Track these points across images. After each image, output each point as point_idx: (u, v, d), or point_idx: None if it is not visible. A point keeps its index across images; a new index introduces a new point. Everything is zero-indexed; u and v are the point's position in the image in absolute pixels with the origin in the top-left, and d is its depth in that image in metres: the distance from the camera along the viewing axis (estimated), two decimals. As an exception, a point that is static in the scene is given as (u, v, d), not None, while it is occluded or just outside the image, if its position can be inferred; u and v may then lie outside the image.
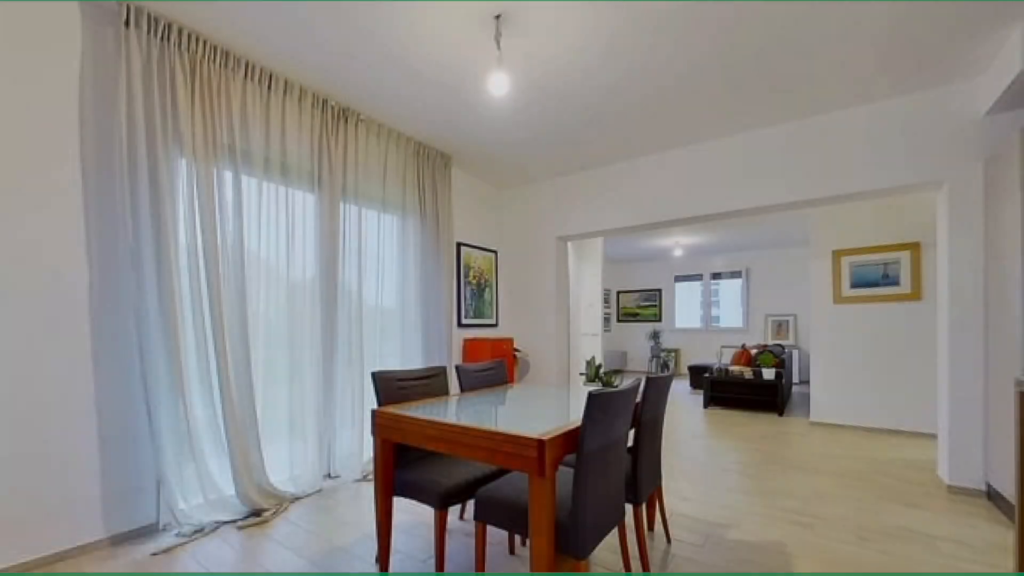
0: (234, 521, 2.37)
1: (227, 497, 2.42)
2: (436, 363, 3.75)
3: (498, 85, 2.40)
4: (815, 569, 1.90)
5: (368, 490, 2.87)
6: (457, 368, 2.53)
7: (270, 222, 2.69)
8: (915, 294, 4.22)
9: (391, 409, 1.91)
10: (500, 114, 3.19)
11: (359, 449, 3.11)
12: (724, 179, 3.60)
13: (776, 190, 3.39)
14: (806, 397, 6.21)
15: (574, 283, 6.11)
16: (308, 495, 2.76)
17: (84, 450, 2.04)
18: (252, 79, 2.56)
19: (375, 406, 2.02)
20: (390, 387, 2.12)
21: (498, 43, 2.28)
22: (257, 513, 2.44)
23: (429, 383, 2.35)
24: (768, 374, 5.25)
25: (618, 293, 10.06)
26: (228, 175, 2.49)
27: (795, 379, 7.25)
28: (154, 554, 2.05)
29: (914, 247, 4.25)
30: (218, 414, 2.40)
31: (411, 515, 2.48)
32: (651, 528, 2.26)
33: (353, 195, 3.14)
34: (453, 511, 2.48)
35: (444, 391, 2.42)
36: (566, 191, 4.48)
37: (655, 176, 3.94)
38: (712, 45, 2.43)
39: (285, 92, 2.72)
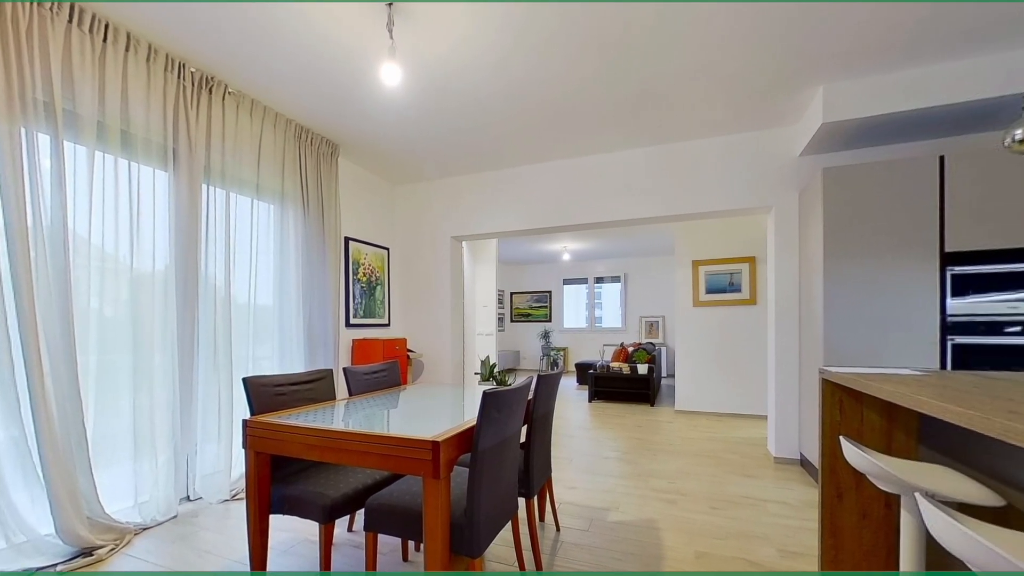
0: (54, 566, 1.91)
1: (42, 537, 1.94)
2: (321, 366, 3.46)
3: (391, 75, 2.30)
4: (678, 538, 2.16)
5: (239, 510, 2.53)
6: (345, 371, 2.37)
7: (107, 201, 2.23)
8: (752, 300, 5.06)
9: (267, 418, 1.71)
10: (393, 107, 3.07)
11: (227, 465, 2.72)
12: (606, 191, 3.93)
13: (647, 205, 3.80)
14: (672, 388, 7.06)
15: (469, 283, 6.13)
16: (159, 523, 2.34)
17: None
18: (80, 26, 2.09)
19: (248, 416, 1.80)
20: (265, 394, 1.90)
21: (390, 32, 2.19)
22: (88, 552, 2.00)
23: (313, 388, 2.16)
24: (642, 369, 5.85)
25: (511, 294, 10.36)
26: (44, 139, 2.00)
27: (664, 373, 8.19)
28: (-85, 627, 1.55)
29: (751, 260, 5.10)
30: (29, 434, 1.90)
31: (291, 533, 2.25)
32: (542, 519, 2.35)
33: (219, 177, 2.75)
34: (340, 523, 2.31)
35: (330, 396, 2.24)
36: (461, 191, 4.48)
37: (546, 183, 4.14)
38: (596, 68, 2.63)
39: (128, 48, 2.27)
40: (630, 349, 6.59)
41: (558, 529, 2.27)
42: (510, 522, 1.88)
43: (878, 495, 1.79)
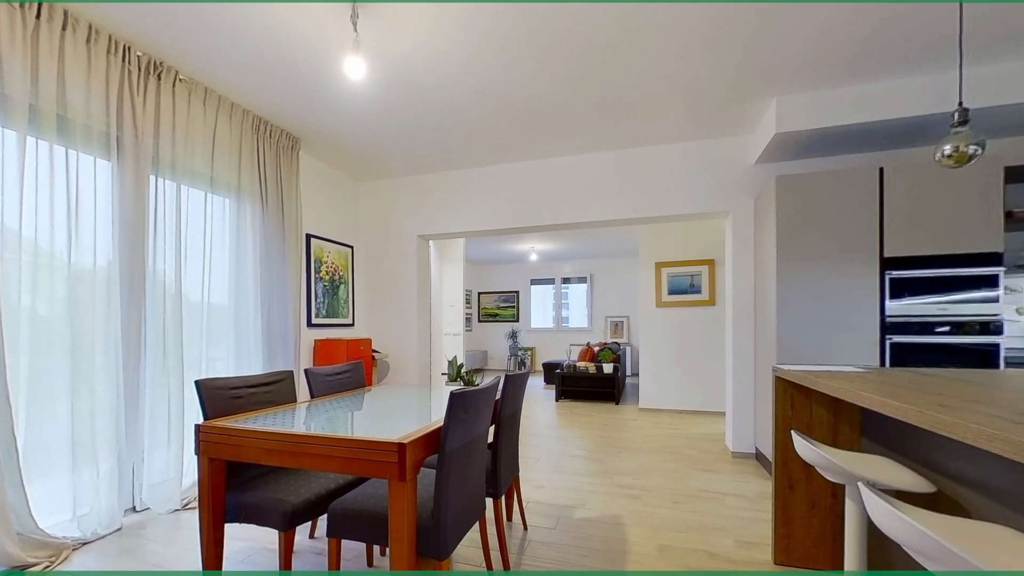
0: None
1: (-42, 560, 1.77)
2: (281, 367, 3.33)
3: (355, 69, 2.24)
4: (642, 532, 2.22)
5: (191, 520, 2.40)
6: (306, 372, 2.29)
7: (40, 190, 2.06)
8: (711, 301, 5.27)
9: (222, 422, 1.63)
10: (358, 101, 2.99)
11: (177, 473, 2.57)
12: (573, 193, 3.98)
13: (612, 207, 3.88)
14: (636, 387, 7.24)
15: (436, 283, 6.07)
16: (101, 537, 2.18)
17: None
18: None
19: (201, 420, 1.71)
20: (220, 397, 1.81)
21: (355, 25, 2.14)
22: (18, 571, 1.84)
23: (272, 390, 2.08)
24: (607, 368, 5.97)
25: (479, 294, 10.34)
26: (-30, 121, 1.83)
27: (628, 372, 8.39)
28: None
29: (711, 263, 5.30)
30: (-57, 447, 1.74)
31: (248, 542, 2.15)
32: (509, 518, 2.36)
33: (169, 168, 2.60)
34: (301, 530, 2.23)
35: (291, 398, 2.17)
36: (428, 189, 4.42)
37: (514, 184, 4.15)
38: (563, 71, 2.66)
39: (65, 27, 2.10)
40: (596, 349, 6.71)
41: (525, 528, 2.28)
42: (477, 523, 1.87)
43: (826, 485, 1.90)
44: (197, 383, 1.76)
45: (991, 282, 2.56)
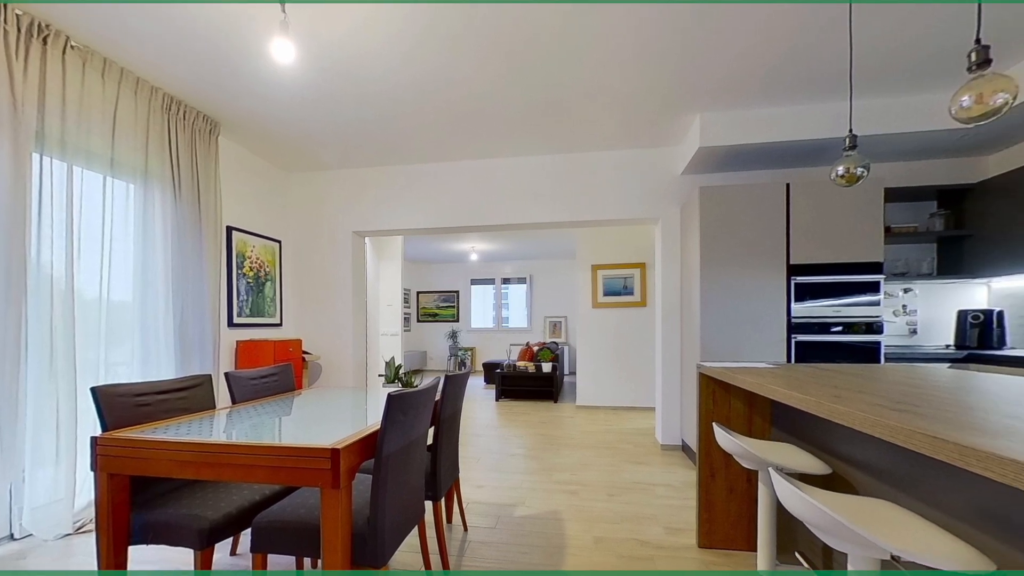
0: None
1: None
2: (197, 372, 3.04)
3: (283, 52, 2.09)
4: (579, 526, 2.29)
5: (86, 546, 2.12)
6: (227, 376, 2.11)
7: None
8: (643, 302, 5.56)
9: (124, 433, 1.46)
10: (288, 87, 2.80)
11: (68, 493, 2.25)
12: (513, 194, 4.03)
13: (550, 210, 3.98)
14: (574, 385, 7.45)
15: (373, 281, 5.86)
16: (-42, 577, 1.87)
17: None
18: None
19: (99, 432, 1.52)
20: (123, 405, 1.62)
21: (283, 6, 2.01)
22: None
23: (185, 396, 1.89)
24: (546, 368, 6.10)
25: (418, 293, 10.12)
26: None
27: (566, 371, 8.62)
28: None
29: (642, 266, 5.60)
30: None
31: (157, 564, 1.94)
32: (449, 520, 2.33)
33: (58, 147, 2.28)
34: (221, 547, 2.04)
35: (209, 404, 1.99)
36: (365, 184, 4.26)
37: (454, 182, 4.12)
38: (503, 73, 2.68)
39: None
40: (535, 348, 6.82)
41: (466, 529, 2.26)
42: (416, 527, 1.83)
43: (742, 472, 2.08)
44: (93, 390, 1.56)
45: (874, 288, 2.94)
